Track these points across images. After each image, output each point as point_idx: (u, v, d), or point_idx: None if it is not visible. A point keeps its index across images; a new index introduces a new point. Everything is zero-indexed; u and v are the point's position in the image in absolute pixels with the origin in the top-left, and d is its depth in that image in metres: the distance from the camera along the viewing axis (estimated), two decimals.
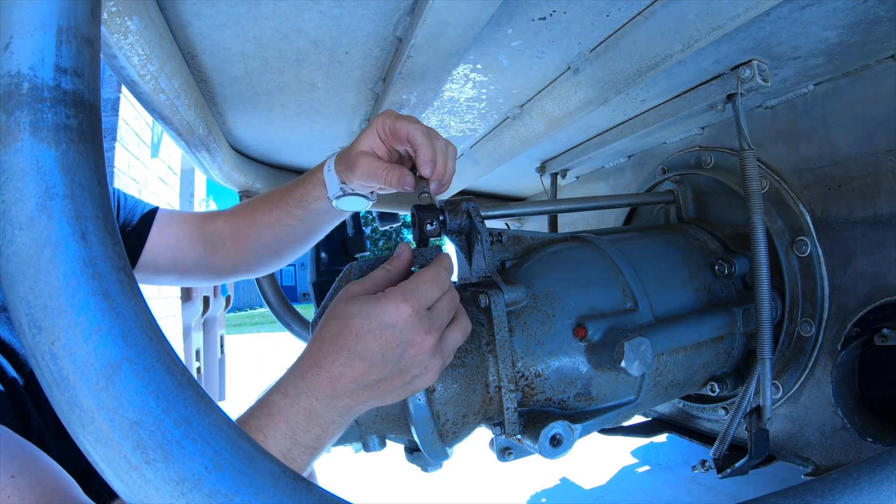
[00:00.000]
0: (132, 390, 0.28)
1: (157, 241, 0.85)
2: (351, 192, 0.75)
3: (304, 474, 0.48)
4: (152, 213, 0.87)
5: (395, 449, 0.70)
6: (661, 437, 1.47)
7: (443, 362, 0.54)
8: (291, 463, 0.48)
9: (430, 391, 0.59)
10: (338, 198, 0.76)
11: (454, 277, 0.60)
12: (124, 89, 3.01)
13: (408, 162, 0.71)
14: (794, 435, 0.84)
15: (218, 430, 0.30)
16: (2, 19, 0.30)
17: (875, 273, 0.74)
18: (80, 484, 0.48)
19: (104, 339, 0.29)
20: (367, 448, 0.64)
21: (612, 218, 1.26)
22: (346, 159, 0.72)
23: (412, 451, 0.68)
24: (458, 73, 0.86)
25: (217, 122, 1.07)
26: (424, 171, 0.66)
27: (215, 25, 0.71)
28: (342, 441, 0.63)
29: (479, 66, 0.83)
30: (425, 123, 1.07)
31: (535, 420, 0.62)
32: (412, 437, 0.61)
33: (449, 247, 0.81)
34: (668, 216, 1.01)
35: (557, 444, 0.60)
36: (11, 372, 0.60)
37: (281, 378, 0.51)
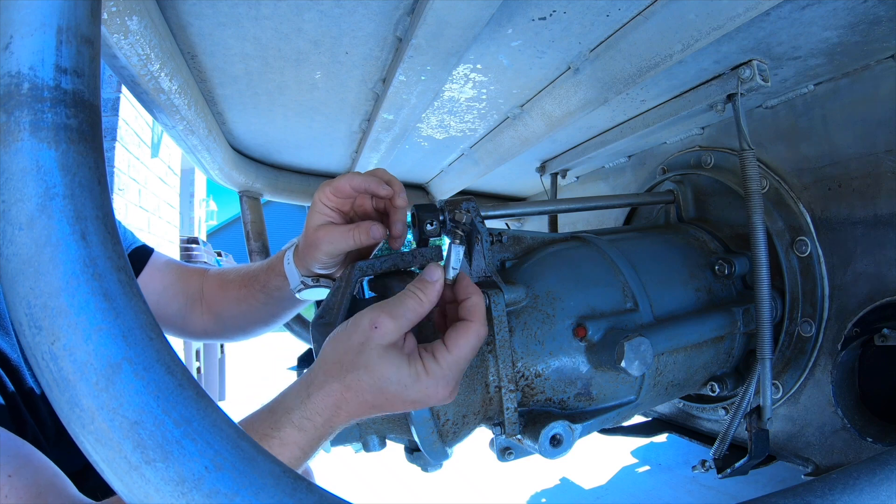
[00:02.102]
0: (132, 390, 0.28)
1: (145, 283, 0.84)
2: (313, 284, 0.73)
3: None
4: (145, 252, 0.87)
5: (395, 449, 0.70)
6: (661, 437, 1.47)
7: (454, 390, 0.53)
8: (293, 461, 0.48)
9: None
10: (299, 290, 0.75)
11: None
12: (124, 89, 3.01)
13: (362, 216, 0.70)
14: (794, 435, 0.84)
15: (218, 430, 0.30)
16: (2, 19, 0.30)
17: (875, 273, 0.74)
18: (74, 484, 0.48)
19: (104, 339, 0.29)
20: (367, 448, 0.64)
21: (612, 218, 1.26)
22: (305, 244, 0.70)
23: (412, 451, 0.68)
24: (458, 73, 0.86)
25: (217, 122, 1.07)
26: (397, 201, 0.66)
27: (215, 25, 0.71)
28: (342, 441, 0.63)
29: (479, 66, 0.83)
30: (425, 123, 1.08)
31: (535, 420, 0.62)
32: (412, 437, 0.61)
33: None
34: (668, 216, 1.01)
35: (557, 444, 0.60)
36: (7, 383, 0.60)
37: (282, 409, 0.49)
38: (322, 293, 0.75)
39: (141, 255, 0.86)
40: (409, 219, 0.72)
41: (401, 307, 0.51)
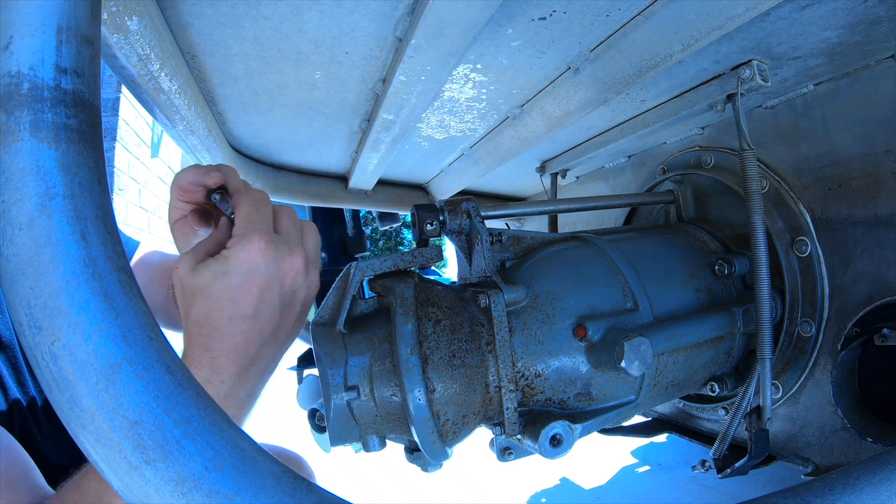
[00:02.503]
0: (132, 390, 0.28)
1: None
2: None
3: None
4: (130, 245, 0.87)
5: (395, 449, 0.70)
6: (661, 437, 1.47)
7: (318, 272, 0.52)
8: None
9: (430, 391, 0.59)
10: None
11: (454, 277, 0.60)
12: (124, 89, 3.01)
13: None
14: (794, 435, 0.84)
15: (218, 430, 0.30)
16: (2, 19, 0.30)
17: (875, 273, 0.74)
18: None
19: (104, 339, 0.29)
20: (367, 448, 0.64)
21: (612, 218, 1.26)
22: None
23: (412, 451, 0.68)
24: (458, 73, 0.86)
25: (217, 122, 1.07)
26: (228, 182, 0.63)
27: (215, 25, 0.71)
28: (342, 441, 0.63)
29: (479, 66, 0.83)
30: (425, 123, 1.08)
31: (535, 420, 0.62)
32: (412, 437, 0.61)
33: (449, 246, 0.81)
34: (668, 216, 1.01)
35: (557, 444, 0.60)
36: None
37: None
38: None
39: (129, 250, 0.86)
40: (409, 218, 0.72)
41: (201, 245, 0.52)
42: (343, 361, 0.61)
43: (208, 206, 0.60)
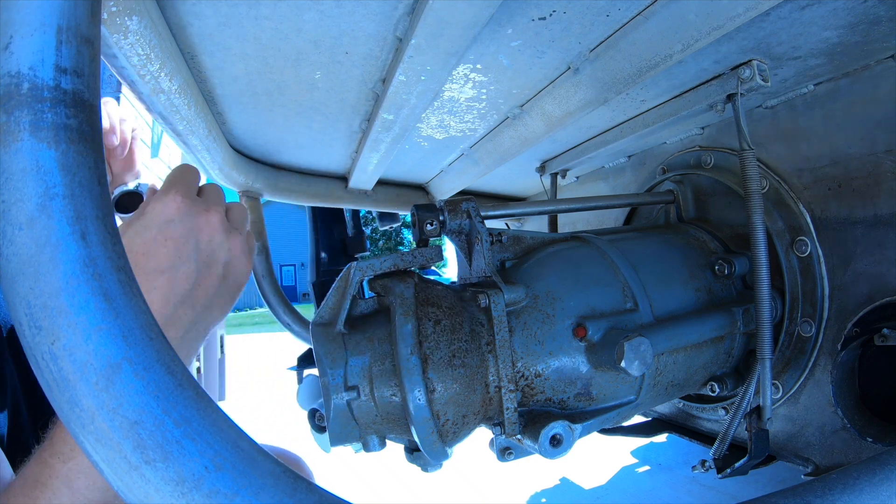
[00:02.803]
0: (132, 390, 0.28)
1: None
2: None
3: None
4: None
5: (395, 449, 0.70)
6: (661, 437, 1.47)
7: (242, 239, 0.52)
8: None
9: (430, 391, 0.59)
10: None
11: (454, 277, 0.60)
12: (124, 89, 3.01)
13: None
14: (794, 435, 0.84)
15: (218, 430, 0.30)
16: (2, 19, 0.30)
17: (875, 273, 0.74)
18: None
19: (104, 339, 0.29)
20: (367, 448, 0.64)
21: (612, 218, 1.26)
22: None
23: (412, 451, 0.68)
24: (458, 73, 0.86)
25: (217, 122, 1.07)
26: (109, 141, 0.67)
27: (215, 25, 0.71)
28: (342, 441, 0.63)
29: (479, 66, 0.83)
30: (425, 123, 1.08)
31: (535, 420, 0.63)
32: (412, 437, 0.61)
33: (449, 246, 0.81)
34: (668, 216, 1.01)
35: (557, 444, 0.60)
36: None
37: None
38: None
39: None
40: (409, 218, 0.72)
41: (134, 215, 0.53)
42: (343, 361, 0.61)
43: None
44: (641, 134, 1.00)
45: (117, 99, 3.22)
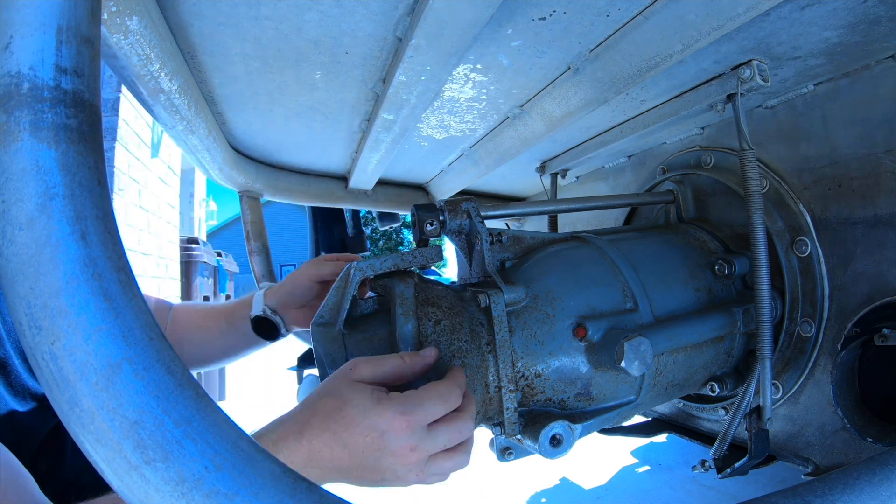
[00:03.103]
0: (132, 390, 0.28)
1: None
2: (271, 314, 0.86)
3: None
4: None
5: None
6: (661, 437, 1.47)
7: (420, 479, 0.53)
8: None
9: None
10: (255, 316, 0.86)
11: (454, 277, 0.60)
12: (124, 89, 3.01)
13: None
14: (794, 435, 0.84)
15: (218, 430, 0.30)
16: (2, 19, 0.30)
17: (875, 273, 0.74)
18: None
19: (104, 339, 0.29)
20: None
21: (612, 218, 1.26)
22: (282, 281, 0.85)
23: None
24: (458, 73, 0.86)
25: (217, 122, 1.07)
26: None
27: (215, 25, 0.71)
28: None
29: (479, 66, 0.83)
30: (425, 123, 1.08)
31: (535, 420, 0.63)
32: None
33: (449, 246, 0.81)
34: (668, 216, 1.01)
35: (557, 444, 0.60)
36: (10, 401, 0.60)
37: (259, 432, 0.51)
38: (274, 324, 0.87)
39: None
40: (409, 218, 0.72)
41: (382, 359, 0.54)
42: (343, 361, 0.61)
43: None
44: (641, 134, 1.00)
45: (117, 99, 3.22)
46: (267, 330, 0.87)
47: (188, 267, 3.88)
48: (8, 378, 0.63)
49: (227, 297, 4.87)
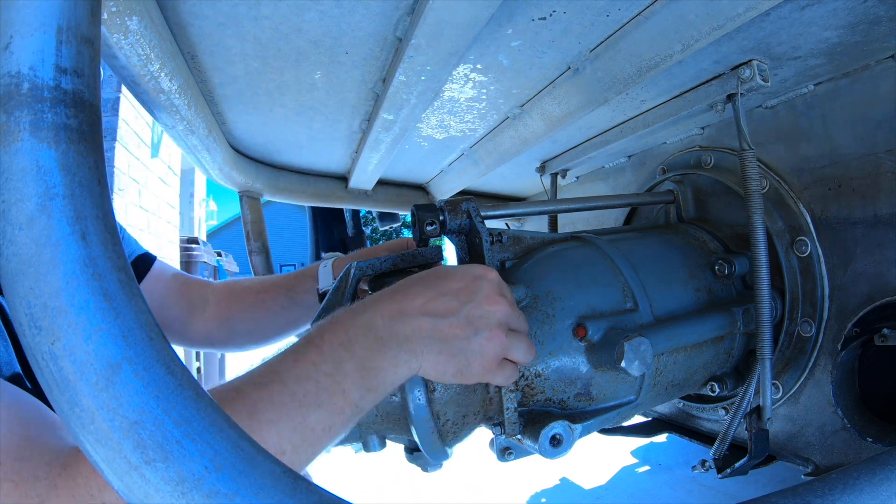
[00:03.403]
0: (132, 390, 0.28)
1: (147, 290, 0.85)
2: None
3: (352, 409, 0.46)
4: (148, 259, 0.88)
5: (395, 449, 0.70)
6: (661, 437, 1.47)
7: (502, 348, 0.52)
8: (343, 379, 0.45)
9: (430, 391, 0.59)
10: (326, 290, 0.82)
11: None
12: (124, 89, 3.01)
13: None
14: (794, 435, 0.84)
15: (218, 430, 0.30)
16: (2, 19, 0.30)
17: (875, 273, 0.74)
18: None
19: (104, 339, 0.29)
20: (367, 448, 0.64)
21: (612, 218, 1.26)
22: (358, 253, 0.81)
23: (412, 451, 0.68)
24: (458, 73, 0.86)
25: (217, 122, 1.07)
26: None
27: (215, 25, 0.71)
28: (342, 441, 0.63)
29: (479, 66, 0.83)
30: (425, 123, 1.08)
31: (535, 420, 0.62)
32: (412, 437, 0.61)
33: (449, 246, 0.81)
34: (668, 216, 1.01)
35: (557, 444, 0.60)
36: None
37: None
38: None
39: (143, 263, 0.87)
40: (409, 218, 0.72)
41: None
42: None
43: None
44: (641, 134, 1.00)
45: (117, 99, 3.22)
46: None
47: (188, 267, 3.88)
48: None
49: None
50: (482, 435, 0.69)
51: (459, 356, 0.51)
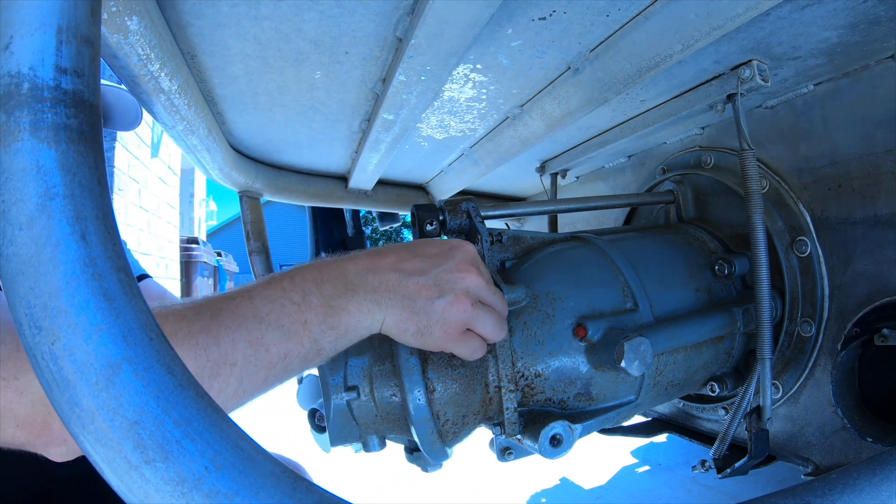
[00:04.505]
0: (132, 390, 0.28)
1: None
2: None
3: (311, 342, 0.48)
4: (140, 277, 0.89)
5: (395, 449, 0.70)
6: (661, 437, 1.47)
7: (466, 316, 0.53)
8: (307, 310, 0.47)
9: (430, 391, 0.59)
10: None
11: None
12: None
13: None
14: (794, 435, 0.84)
15: (218, 430, 0.30)
16: (2, 19, 0.30)
17: (875, 273, 0.74)
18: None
19: (104, 339, 0.28)
20: (367, 448, 0.64)
21: (613, 218, 1.26)
22: None
23: (412, 451, 0.68)
24: (458, 73, 0.86)
25: (217, 122, 1.07)
26: None
27: (215, 25, 0.71)
28: (342, 441, 0.63)
29: (479, 66, 0.83)
30: (425, 123, 1.08)
31: (535, 420, 0.62)
32: (412, 437, 0.61)
33: None
34: (668, 216, 1.01)
35: (557, 444, 0.60)
36: None
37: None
38: None
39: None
40: (408, 218, 0.72)
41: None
42: (343, 362, 0.61)
43: None
44: (641, 134, 1.00)
45: None
46: None
47: (188, 267, 3.88)
48: None
49: None
50: (482, 435, 0.69)
51: (421, 314, 0.51)
